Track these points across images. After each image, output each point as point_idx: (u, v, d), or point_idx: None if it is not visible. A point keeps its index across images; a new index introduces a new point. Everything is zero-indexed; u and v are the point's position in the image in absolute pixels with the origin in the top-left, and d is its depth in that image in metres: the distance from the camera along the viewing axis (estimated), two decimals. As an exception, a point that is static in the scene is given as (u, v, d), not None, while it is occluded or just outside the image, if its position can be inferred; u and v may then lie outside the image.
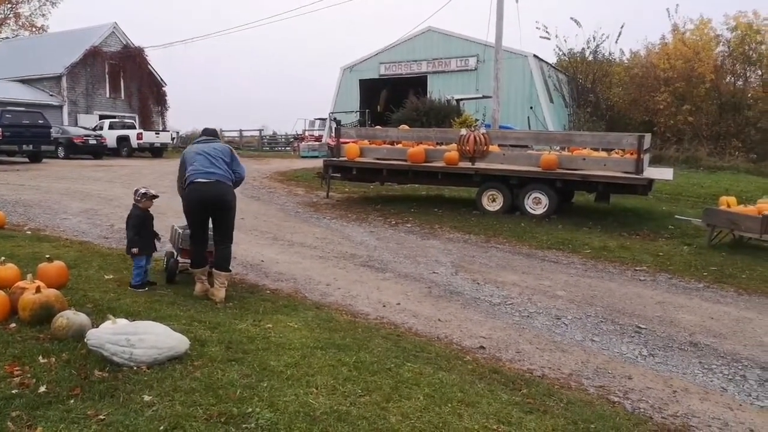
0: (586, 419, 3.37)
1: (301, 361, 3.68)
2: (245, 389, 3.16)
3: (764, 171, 18.05)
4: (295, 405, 3.02)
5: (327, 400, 3.12)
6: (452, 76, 26.59)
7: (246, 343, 3.93)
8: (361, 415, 2.98)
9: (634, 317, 5.55)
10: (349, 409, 3.04)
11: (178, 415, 2.82)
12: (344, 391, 3.28)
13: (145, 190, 5.34)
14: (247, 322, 4.45)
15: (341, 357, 3.84)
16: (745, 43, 22.40)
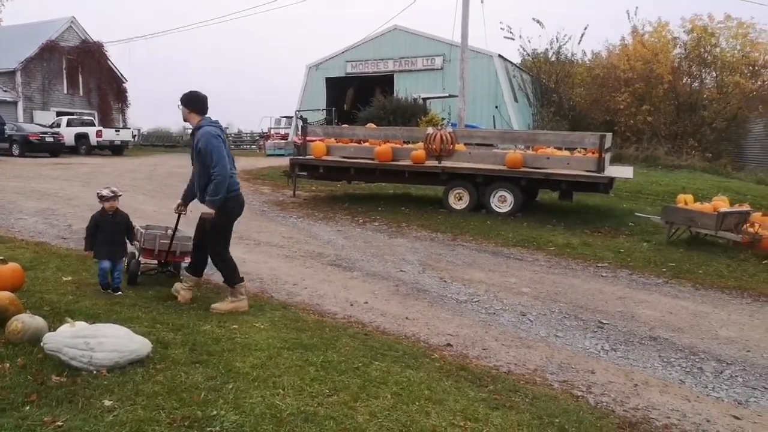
0: (550, 414, 3.42)
1: (268, 362, 3.64)
2: (210, 392, 3.10)
3: (719, 170, 18.70)
4: (261, 407, 2.98)
5: (294, 401, 3.09)
6: (419, 75, 26.71)
7: (211, 345, 3.86)
8: (329, 416, 2.96)
9: (596, 313, 5.67)
10: (316, 410, 3.01)
11: (140, 420, 2.74)
12: (311, 391, 3.25)
13: (104, 190, 5.06)
14: (212, 324, 4.38)
15: (308, 357, 3.81)
16: (701, 46, 23.14)
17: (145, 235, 5.44)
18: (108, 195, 5.00)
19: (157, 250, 5.46)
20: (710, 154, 21.19)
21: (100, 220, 4.99)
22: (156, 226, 5.90)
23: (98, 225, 4.97)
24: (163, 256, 5.52)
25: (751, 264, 7.35)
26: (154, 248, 5.43)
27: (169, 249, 5.46)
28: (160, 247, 5.45)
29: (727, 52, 23.05)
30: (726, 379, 4.27)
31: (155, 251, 5.46)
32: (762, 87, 21.94)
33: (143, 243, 5.42)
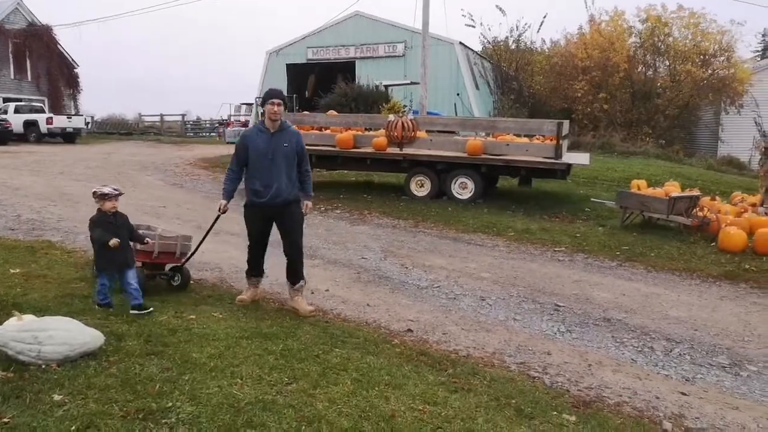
0: (507, 395, 3.50)
1: (226, 351, 3.59)
2: (165, 383, 3.05)
3: (671, 156, 19.28)
4: (218, 397, 2.94)
5: (252, 390, 3.06)
6: (380, 62, 26.56)
7: (167, 336, 3.79)
8: (288, 404, 2.95)
9: (553, 296, 5.80)
10: (275, 398, 3.00)
11: (91, 414, 2.68)
12: (270, 380, 3.23)
13: (105, 188, 4.34)
14: (168, 314, 4.29)
15: (268, 346, 3.78)
16: (655, 35, 23.68)
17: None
18: (111, 193, 4.30)
19: (156, 252, 4.89)
20: (663, 141, 21.80)
21: (99, 223, 4.26)
22: (141, 226, 5.33)
23: (105, 227, 4.28)
24: (169, 259, 5.05)
25: (699, 247, 7.63)
26: (153, 251, 4.87)
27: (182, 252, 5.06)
28: (161, 249, 4.91)
29: (680, 41, 23.66)
30: (675, 358, 4.44)
31: (154, 254, 4.88)
32: (712, 76, 22.62)
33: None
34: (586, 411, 3.46)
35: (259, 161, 4.65)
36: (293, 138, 4.75)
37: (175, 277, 5.14)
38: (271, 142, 4.65)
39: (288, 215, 4.82)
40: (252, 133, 4.81)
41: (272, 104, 4.60)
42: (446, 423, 2.95)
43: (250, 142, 4.69)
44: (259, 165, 4.65)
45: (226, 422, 2.71)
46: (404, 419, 2.92)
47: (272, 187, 4.65)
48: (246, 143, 4.72)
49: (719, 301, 5.81)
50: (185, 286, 5.16)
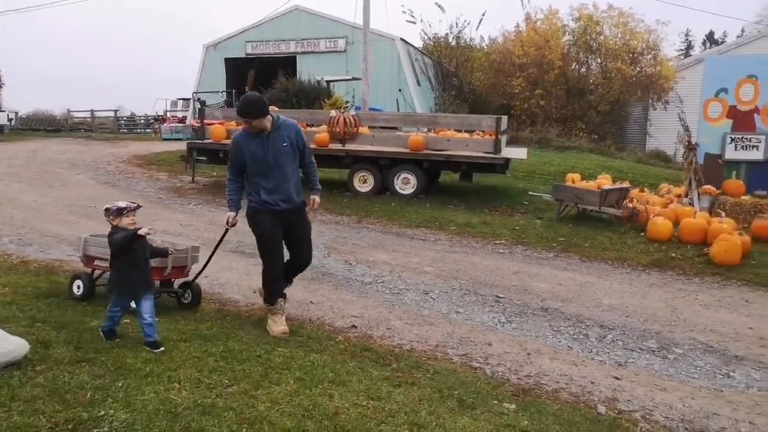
0: (450, 387, 3.55)
1: (162, 355, 3.47)
2: (97, 391, 2.91)
3: (604, 150, 20.09)
4: (154, 403, 2.84)
5: (190, 394, 2.97)
6: (322, 57, 26.37)
7: (99, 342, 3.62)
8: (228, 406, 2.88)
9: (494, 288, 5.93)
10: (214, 401, 2.92)
11: (16, 427, 2.52)
12: (210, 382, 3.15)
13: (122, 202, 3.85)
14: (100, 320, 4.10)
15: (207, 348, 3.69)
16: (587, 33, 24.59)
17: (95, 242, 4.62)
18: (129, 207, 3.76)
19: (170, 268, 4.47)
20: (596, 136, 22.69)
21: (120, 242, 3.65)
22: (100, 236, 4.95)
23: (122, 248, 3.68)
24: (179, 274, 4.66)
25: (630, 237, 7.99)
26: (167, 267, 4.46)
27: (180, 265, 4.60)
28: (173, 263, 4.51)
29: (610, 39, 24.66)
30: (608, 344, 4.63)
31: (167, 270, 4.49)
32: (640, 73, 23.71)
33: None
34: (525, 399, 3.56)
35: (258, 168, 4.18)
36: (291, 133, 4.27)
37: (185, 294, 4.68)
38: (268, 145, 4.16)
39: (298, 222, 4.41)
40: (244, 137, 4.24)
41: (246, 122, 4.15)
42: (390, 417, 2.96)
43: (244, 149, 4.18)
44: (260, 172, 4.19)
45: (163, 428, 2.62)
46: (348, 416, 2.91)
47: (279, 194, 4.24)
48: (240, 150, 4.21)
49: (648, 289, 6.10)
50: (197, 303, 4.69)
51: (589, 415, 3.39)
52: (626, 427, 3.29)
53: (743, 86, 9.11)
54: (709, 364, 4.30)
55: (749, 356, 4.44)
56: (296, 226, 4.42)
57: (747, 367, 4.24)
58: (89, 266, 4.70)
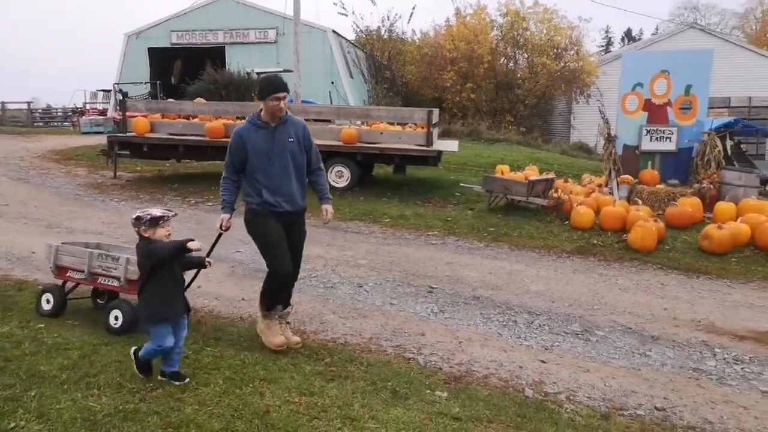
0: (384, 378, 3.56)
1: (81, 361, 3.29)
2: (7, 402, 2.72)
3: (531, 142, 20.78)
4: (71, 411, 2.68)
5: (111, 401, 2.83)
6: (252, 48, 25.74)
7: (10, 349, 3.39)
8: (152, 411, 2.76)
9: (427, 278, 6.01)
10: (137, 406, 2.80)
11: None
12: (132, 387, 3.01)
13: (156, 210, 3.33)
14: (11, 325, 3.84)
15: (130, 351, 3.52)
16: (514, 29, 25.31)
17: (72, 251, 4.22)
18: (166, 215, 3.30)
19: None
20: (524, 129, 23.43)
21: (153, 255, 3.19)
22: (90, 244, 4.61)
23: (161, 263, 3.21)
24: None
25: (555, 225, 8.29)
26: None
27: None
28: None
29: (536, 35, 25.50)
30: (535, 329, 4.79)
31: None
32: (564, 68, 24.66)
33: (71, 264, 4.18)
34: (457, 386, 3.62)
35: (260, 163, 3.81)
36: (299, 130, 3.93)
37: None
38: (274, 139, 3.81)
39: (297, 228, 4.03)
40: (248, 129, 3.86)
41: (277, 99, 3.73)
42: (323, 412, 2.94)
43: (248, 141, 3.80)
44: (262, 168, 3.81)
45: (81, 438, 2.49)
46: (279, 414, 2.86)
47: (283, 194, 3.85)
48: (243, 143, 3.81)
49: (572, 275, 6.36)
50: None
51: (517, 399, 3.50)
52: (552, 408, 3.42)
53: (657, 81, 9.64)
54: (628, 344, 4.54)
55: (664, 336, 4.72)
56: (293, 234, 3.99)
57: (662, 346, 4.51)
58: (61, 278, 4.28)
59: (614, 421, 3.32)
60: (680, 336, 4.71)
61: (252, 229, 3.95)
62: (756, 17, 40.67)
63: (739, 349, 4.49)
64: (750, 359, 4.31)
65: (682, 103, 9.56)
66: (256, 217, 3.89)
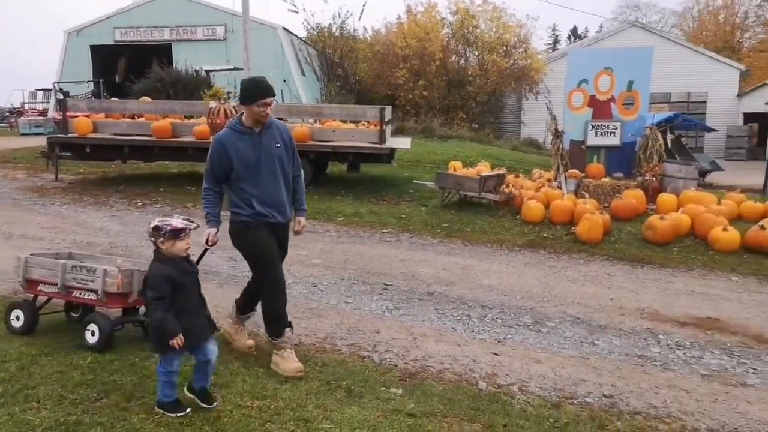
0: (338, 377, 3.54)
1: (19, 373, 3.14)
2: (-65, 421, 2.56)
3: (483, 139, 21.12)
4: (8, 426, 2.55)
5: (52, 413, 2.71)
6: (200, 45, 25.15)
7: (-63, 364, 3.20)
8: (96, 422, 2.66)
9: (382, 276, 6.01)
10: (80, 418, 2.68)
11: None
12: (75, 398, 2.89)
13: (177, 220, 2.98)
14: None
15: (73, 360, 3.38)
16: (464, 27, 25.62)
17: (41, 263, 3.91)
18: (188, 227, 2.96)
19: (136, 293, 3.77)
20: (476, 125, 23.78)
21: (173, 274, 2.89)
22: (61, 255, 4.31)
23: (175, 285, 2.88)
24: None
25: (507, 220, 8.45)
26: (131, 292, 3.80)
27: None
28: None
29: (486, 33, 25.89)
30: (488, 322, 4.86)
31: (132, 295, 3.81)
32: (514, 65, 25.14)
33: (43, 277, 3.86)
34: (412, 382, 3.64)
35: (247, 173, 3.53)
36: (284, 134, 3.71)
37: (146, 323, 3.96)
38: (260, 146, 3.55)
39: (285, 241, 3.85)
40: (229, 136, 3.56)
41: (264, 104, 3.46)
42: (276, 415, 2.89)
43: (231, 149, 3.50)
44: (250, 177, 3.54)
45: (18, 455, 2.37)
46: (231, 418, 2.80)
47: (275, 204, 3.62)
48: (225, 151, 3.50)
49: (524, 268, 6.49)
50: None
51: (471, 392, 3.54)
52: (504, 400, 3.47)
53: (601, 78, 9.94)
54: (577, 334, 4.66)
55: (611, 324, 4.87)
56: (282, 247, 3.80)
57: (609, 335, 4.65)
58: (31, 292, 3.98)
59: (564, 409, 3.40)
60: (626, 324, 4.87)
61: (243, 240, 3.68)
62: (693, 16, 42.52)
63: (681, 335, 4.68)
64: (691, 344, 4.49)
65: (625, 99, 9.89)
66: (248, 231, 3.62)
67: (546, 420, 3.24)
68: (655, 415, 3.41)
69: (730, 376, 3.96)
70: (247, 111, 3.52)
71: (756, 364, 4.17)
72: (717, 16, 40.03)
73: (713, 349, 4.41)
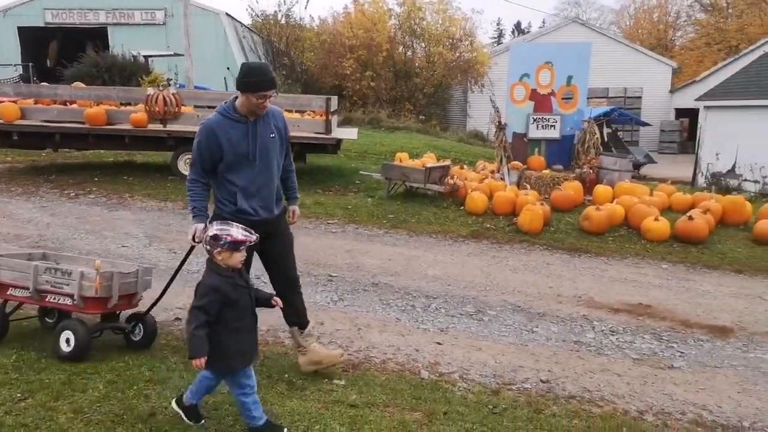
0: (280, 371, 3.50)
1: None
2: None
3: (430, 130, 21.30)
4: None
5: (-30, 416, 2.55)
6: (138, 29, 24.14)
7: None
8: (20, 423, 2.52)
9: (327, 267, 5.97)
10: (2, 420, 2.53)
11: None
12: (-4, 399, 2.73)
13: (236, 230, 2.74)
14: None
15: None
16: (411, 18, 25.72)
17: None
18: (249, 239, 2.75)
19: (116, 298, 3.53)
20: (423, 117, 23.96)
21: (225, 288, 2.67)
22: (35, 255, 3.95)
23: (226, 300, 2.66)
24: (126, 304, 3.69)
25: (451, 211, 8.55)
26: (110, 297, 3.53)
27: None
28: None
29: (432, 25, 26.07)
30: (432, 312, 4.92)
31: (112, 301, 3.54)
32: (459, 58, 25.45)
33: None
34: (355, 373, 3.64)
35: (238, 164, 3.26)
36: (279, 122, 3.43)
37: (135, 330, 3.73)
38: (255, 135, 3.27)
39: (279, 234, 3.56)
40: (221, 123, 3.23)
41: (264, 97, 3.16)
42: (213, 411, 2.83)
43: (223, 138, 3.20)
44: (240, 169, 3.27)
45: (-69, 462, 2.21)
46: (165, 415, 2.71)
47: (262, 198, 3.35)
48: (216, 139, 3.20)
49: (467, 258, 6.60)
50: (151, 341, 3.75)
51: (414, 381, 3.57)
52: (446, 388, 3.52)
53: (542, 72, 10.18)
54: (517, 322, 4.78)
55: (549, 312, 5.02)
56: (276, 243, 3.54)
57: (547, 322, 4.79)
58: (1, 296, 3.65)
59: (503, 395, 3.48)
60: (563, 312, 5.03)
61: None
62: (629, 14, 44.19)
63: (614, 320, 4.88)
64: (623, 330, 4.69)
65: (565, 93, 10.17)
66: None
67: (485, 406, 3.31)
68: (588, 398, 3.54)
69: (659, 360, 4.16)
70: (243, 99, 3.21)
71: (682, 347, 4.40)
72: (651, 14, 41.76)
73: (644, 334, 4.62)
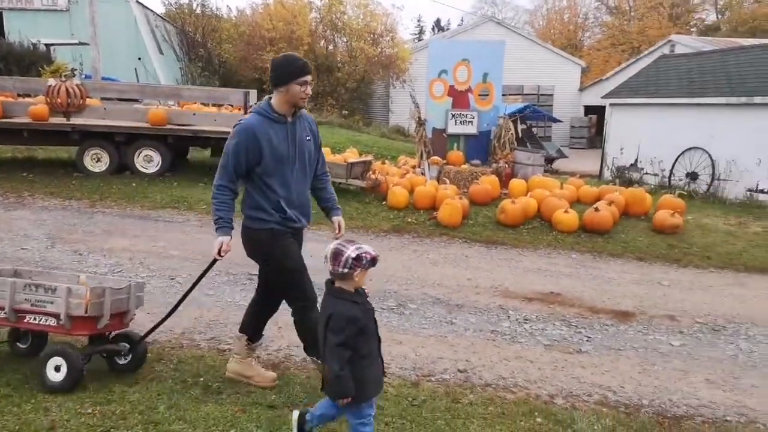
0: (195, 374, 3.38)
1: None
2: None
3: (353, 125, 21.30)
4: None
5: None
6: (38, 16, 22.48)
7: None
8: None
9: (246, 266, 5.80)
10: None
11: None
12: None
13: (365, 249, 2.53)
14: None
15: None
16: (332, 12, 25.56)
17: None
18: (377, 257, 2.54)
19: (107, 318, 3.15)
20: (346, 112, 23.92)
21: (359, 316, 2.45)
22: (3, 271, 3.43)
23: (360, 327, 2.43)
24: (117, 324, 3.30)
25: (373, 206, 8.60)
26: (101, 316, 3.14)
27: None
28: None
29: (353, 20, 26.04)
30: (353, 307, 4.91)
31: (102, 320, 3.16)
32: (381, 53, 25.59)
33: None
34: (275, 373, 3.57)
35: (279, 167, 3.05)
36: (312, 126, 3.27)
37: (122, 352, 3.33)
38: (295, 137, 3.08)
39: (301, 244, 3.42)
40: (261, 123, 2.99)
41: (305, 83, 2.97)
42: (121, 420, 2.69)
43: (263, 138, 2.97)
44: (280, 173, 3.07)
45: None
46: (66, 428, 2.55)
47: (301, 205, 3.22)
48: (257, 140, 2.97)
49: (389, 252, 6.66)
50: (139, 365, 3.37)
51: (334, 379, 3.55)
52: (366, 383, 3.53)
53: (459, 69, 10.43)
54: (437, 314, 4.88)
55: (467, 303, 5.16)
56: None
57: (465, 313, 4.93)
58: None
59: (422, 387, 3.54)
60: (481, 302, 5.19)
61: (272, 254, 3.24)
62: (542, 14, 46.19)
63: (527, 309, 5.09)
64: (536, 318, 4.90)
65: (481, 90, 10.48)
66: (277, 239, 3.19)
67: (405, 399, 3.35)
68: (503, 385, 3.68)
69: (568, 345, 4.39)
70: (282, 94, 3.00)
71: (589, 332, 4.66)
72: (562, 15, 43.86)
73: (554, 321, 4.85)
